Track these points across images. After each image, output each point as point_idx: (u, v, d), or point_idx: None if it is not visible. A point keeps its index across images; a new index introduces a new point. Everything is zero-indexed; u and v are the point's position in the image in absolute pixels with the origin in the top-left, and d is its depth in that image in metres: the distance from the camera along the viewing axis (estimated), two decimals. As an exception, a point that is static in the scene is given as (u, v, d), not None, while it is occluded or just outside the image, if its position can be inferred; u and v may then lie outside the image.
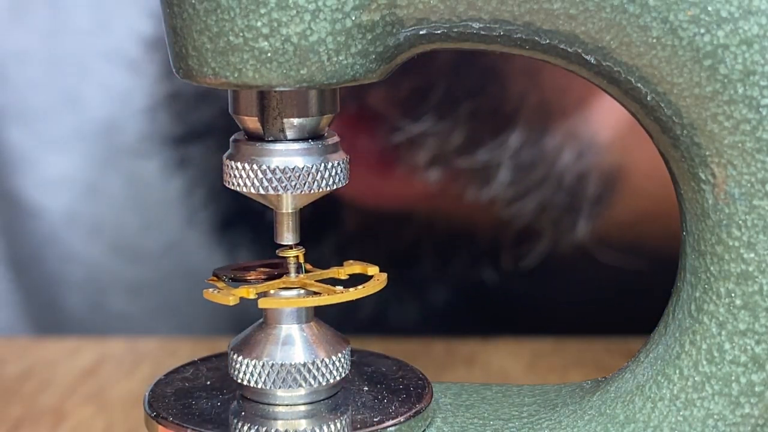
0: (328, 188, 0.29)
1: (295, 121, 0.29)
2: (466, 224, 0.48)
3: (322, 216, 0.47)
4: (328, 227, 0.48)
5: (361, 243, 0.49)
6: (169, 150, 0.54)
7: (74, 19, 0.58)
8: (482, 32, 0.28)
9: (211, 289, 0.30)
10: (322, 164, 0.29)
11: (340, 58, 0.27)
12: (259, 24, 0.27)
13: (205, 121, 0.50)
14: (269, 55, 0.27)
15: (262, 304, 0.29)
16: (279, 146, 0.29)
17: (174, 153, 0.53)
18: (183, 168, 0.53)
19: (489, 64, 0.43)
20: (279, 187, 0.29)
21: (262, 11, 0.27)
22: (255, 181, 0.29)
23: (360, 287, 0.30)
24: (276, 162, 0.29)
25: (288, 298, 0.30)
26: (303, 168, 0.29)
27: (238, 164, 0.29)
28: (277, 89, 0.28)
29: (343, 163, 0.29)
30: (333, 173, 0.29)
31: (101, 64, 0.58)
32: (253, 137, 0.29)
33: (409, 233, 0.48)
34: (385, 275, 0.31)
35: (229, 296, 0.29)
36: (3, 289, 0.61)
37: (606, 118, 0.44)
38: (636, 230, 0.47)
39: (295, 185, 0.29)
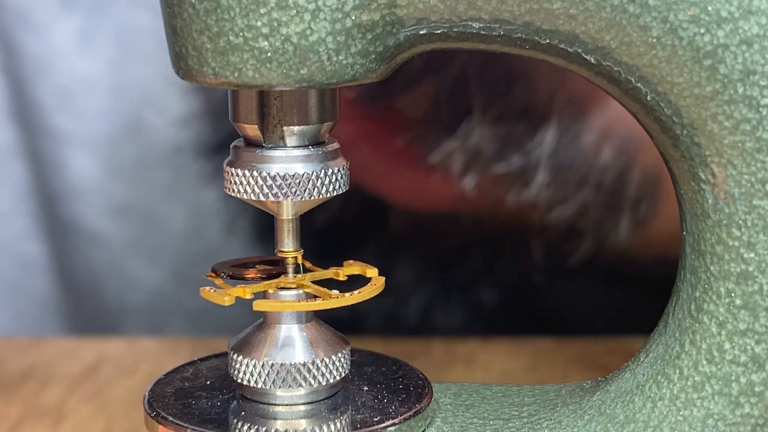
0: (329, 195, 0.29)
1: (296, 129, 0.29)
2: (509, 227, 0.47)
3: (367, 218, 0.47)
4: (372, 230, 0.48)
5: (406, 245, 0.48)
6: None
7: (139, 47, 0.58)
8: (482, 32, 0.28)
9: (207, 288, 0.30)
10: (323, 171, 0.29)
11: (340, 57, 0.27)
12: (259, 24, 0.27)
13: None
14: (269, 54, 0.27)
15: (257, 306, 0.29)
16: (279, 153, 0.29)
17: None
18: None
19: (514, 65, 0.42)
20: (279, 194, 0.29)
21: (262, 11, 0.27)
22: (255, 187, 0.29)
23: (356, 293, 0.29)
24: (276, 168, 0.29)
25: (283, 302, 0.29)
26: (303, 174, 0.29)
27: (238, 171, 0.29)
28: (277, 89, 0.28)
29: (343, 169, 0.29)
30: (333, 179, 0.29)
31: (164, 91, 0.58)
32: (253, 144, 0.29)
33: (455, 236, 0.48)
34: (383, 279, 0.30)
35: (225, 296, 0.29)
36: (62, 315, 0.61)
37: None
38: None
39: (295, 192, 0.29)
